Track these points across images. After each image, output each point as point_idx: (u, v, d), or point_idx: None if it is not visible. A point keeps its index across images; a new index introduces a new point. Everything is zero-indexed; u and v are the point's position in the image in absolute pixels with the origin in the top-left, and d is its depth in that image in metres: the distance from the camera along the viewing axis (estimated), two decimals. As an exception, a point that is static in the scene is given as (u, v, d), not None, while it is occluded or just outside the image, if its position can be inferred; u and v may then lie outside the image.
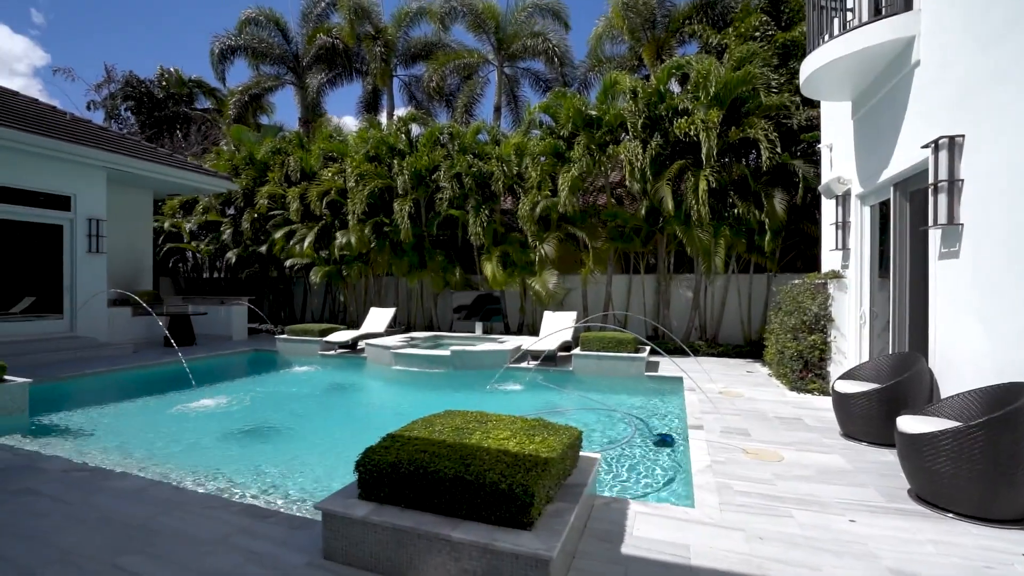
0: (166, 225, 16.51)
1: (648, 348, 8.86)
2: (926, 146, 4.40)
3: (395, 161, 12.81)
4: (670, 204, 9.65)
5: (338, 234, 13.19)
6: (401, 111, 19.48)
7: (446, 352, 8.95)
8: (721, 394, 6.70)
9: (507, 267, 11.87)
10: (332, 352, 10.54)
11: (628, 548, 2.80)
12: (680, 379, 7.48)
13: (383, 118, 19.71)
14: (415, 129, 14.17)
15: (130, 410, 6.67)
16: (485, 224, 11.82)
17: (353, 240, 12.77)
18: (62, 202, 10.24)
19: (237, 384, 8.39)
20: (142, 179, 11.77)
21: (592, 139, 10.65)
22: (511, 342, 9.89)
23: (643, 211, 10.66)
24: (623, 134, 10.69)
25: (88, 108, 24.70)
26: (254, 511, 3.32)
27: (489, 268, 11.67)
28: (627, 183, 10.63)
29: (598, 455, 3.49)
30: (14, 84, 55.16)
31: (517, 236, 12.07)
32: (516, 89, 20.11)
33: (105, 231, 10.78)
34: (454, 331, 13.02)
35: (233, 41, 19.89)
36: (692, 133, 9.48)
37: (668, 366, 8.44)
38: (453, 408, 3.66)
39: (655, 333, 11.12)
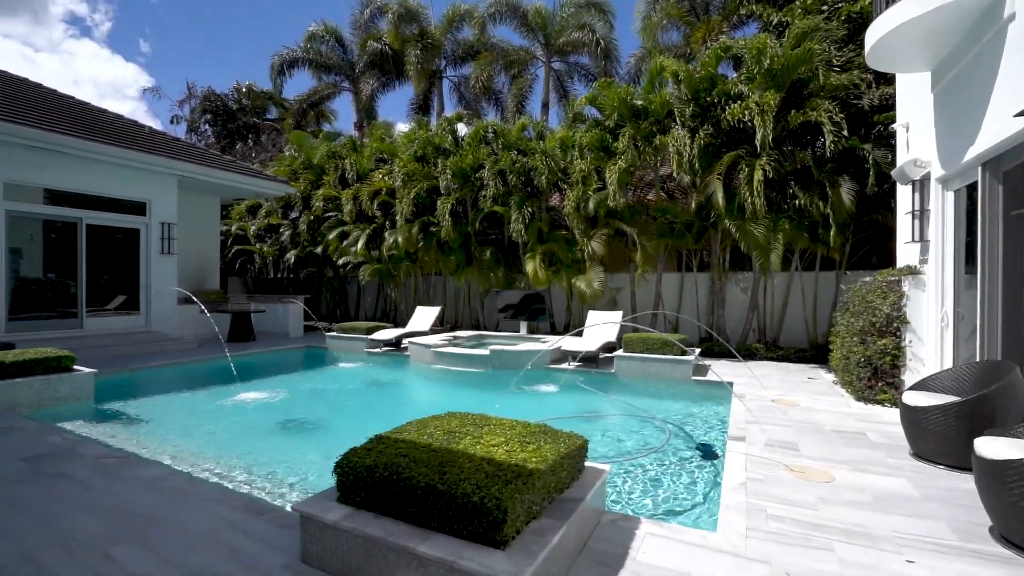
0: (233, 228, 17.63)
1: (696, 351, 8.27)
2: (1020, 113, 3.68)
3: (439, 160, 12.90)
4: (720, 197, 8.97)
5: (387, 234, 13.49)
6: (451, 112, 19.74)
7: (486, 351, 8.82)
8: (774, 402, 6.07)
9: (552, 265, 11.58)
10: (377, 350, 10.73)
11: None
12: (729, 384, 6.88)
13: (434, 119, 20.01)
14: (461, 128, 14.22)
15: (180, 401, 7.07)
16: (528, 221, 11.59)
17: (400, 240, 13.00)
18: (139, 208, 11.16)
19: (283, 379, 8.71)
20: (208, 185, 12.60)
21: (638, 130, 10.11)
22: (553, 342, 9.60)
23: (694, 205, 10.01)
24: (671, 124, 10.06)
25: (172, 122, 27.11)
26: (252, 507, 3.30)
27: (531, 266, 11.42)
28: (676, 176, 10.01)
29: (607, 467, 3.16)
30: (124, 107, 62.20)
31: (563, 234, 11.74)
32: (566, 84, 19.74)
33: (176, 234, 11.63)
34: (500, 331, 12.89)
35: (293, 55, 21.00)
36: (746, 119, 8.72)
37: (719, 370, 7.81)
38: (479, 409, 3.46)
39: (708, 335, 10.39)
